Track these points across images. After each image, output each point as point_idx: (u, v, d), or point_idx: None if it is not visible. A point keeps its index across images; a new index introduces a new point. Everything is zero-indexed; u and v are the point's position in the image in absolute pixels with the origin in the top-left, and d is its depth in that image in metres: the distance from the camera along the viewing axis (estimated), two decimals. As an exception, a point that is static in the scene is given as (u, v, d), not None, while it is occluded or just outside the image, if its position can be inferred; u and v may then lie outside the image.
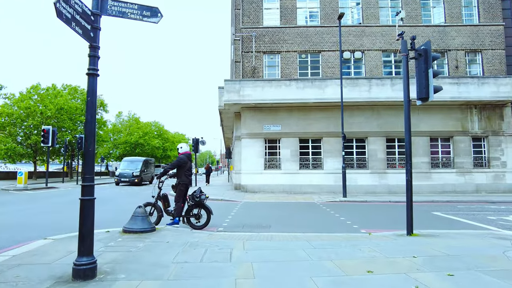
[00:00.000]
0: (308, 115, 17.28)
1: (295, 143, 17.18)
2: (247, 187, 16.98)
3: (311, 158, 17.32)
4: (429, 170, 17.00)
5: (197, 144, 23.51)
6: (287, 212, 10.46)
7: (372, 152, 17.14)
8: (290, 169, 17.01)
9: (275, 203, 12.95)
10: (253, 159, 17.09)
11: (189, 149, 7.37)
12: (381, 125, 17.24)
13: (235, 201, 13.67)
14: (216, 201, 13.87)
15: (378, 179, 16.96)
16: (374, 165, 17.06)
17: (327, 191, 16.81)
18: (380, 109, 17.30)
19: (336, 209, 11.06)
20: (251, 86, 16.39)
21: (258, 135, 17.22)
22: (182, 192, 7.28)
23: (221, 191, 18.23)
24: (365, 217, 9.46)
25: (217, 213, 9.91)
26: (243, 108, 17.35)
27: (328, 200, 13.83)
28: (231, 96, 16.35)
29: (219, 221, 8.44)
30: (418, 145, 17.10)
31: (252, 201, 13.63)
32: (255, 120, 17.30)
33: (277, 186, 16.92)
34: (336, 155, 17.03)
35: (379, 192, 16.77)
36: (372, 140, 17.21)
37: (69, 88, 41.27)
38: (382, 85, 16.46)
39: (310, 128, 17.21)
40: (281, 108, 17.26)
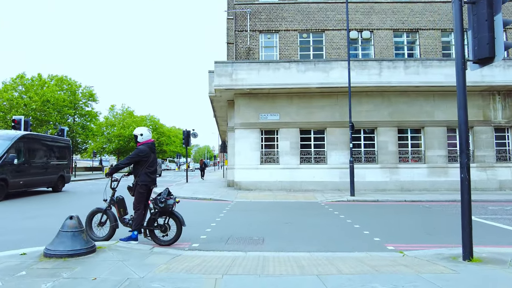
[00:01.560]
0: (310, 103, 15.28)
1: (295, 134, 15.21)
2: (241, 184, 15.04)
3: (313, 151, 15.36)
4: (446, 165, 15.06)
5: (188, 137, 21.55)
6: (286, 215, 8.52)
7: (382, 144, 15.19)
8: (289, 163, 15.07)
9: (272, 204, 11.02)
10: (248, 153, 15.13)
11: (151, 136, 5.36)
12: (392, 114, 15.27)
13: (226, 201, 11.73)
14: (203, 201, 11.94)
15: (389, 174, 15.03)
16: (384, 159, 15.12)
17: (331, 188, 14.89)
18: (391, 96, 15.31)
19: (345, 212, 9.14)
20: (246, 69, 14.36)
21: (253, 125, 15.23)
22: (142, 196, 5.31)
23: (212, 188, 16.31)
24: (384, 223, 7.52)
25: (199, 218, 7.99)
26: (236, 95, 15.34)
27: (334, 200, 11.91)
28: (223, 80, 14.33)
29: (199, 231, 6.50)
30: (433, 136, 15.17)
31: (245, 201, 11.70)
32: (250, 108, 15.30)
33: (275, 183, 14.99)
34: (342, 148, 15.07)
35: (390, 190, 14.85)
36: (382, 131, 15.24)
37: (55, 79, 39.07)
38: (394, 68, 14.45)
39: (313, 117, 15.23)
40: (280, 95, 15.26)
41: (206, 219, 7.84)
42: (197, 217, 8.28)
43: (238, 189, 14.97)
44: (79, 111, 40.25)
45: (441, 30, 16.08)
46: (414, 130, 15.53)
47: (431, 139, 15.15)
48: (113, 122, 55.57)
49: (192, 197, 12.67)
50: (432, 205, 10.88)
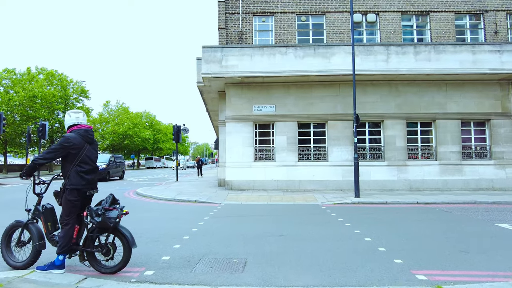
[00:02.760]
0: (309, 93, 13.76)
1: (293, 128, 13.69)
2: (233, 184, 13.54)
3: (313, 147, 13.85)
4: (460, 162, 13.57)
5: (179, 132, 20.02)
6: (280, 223, 7.01)
7: (389, 139, 13.68)
8: (286, 160, 13.57)
9: (266, 207, 9.52)
10: (240, 149, 13.61)
11: (86, 122, 3.71)
12: (400, 106, 13.76)
13: (212, 204, 10.24)
14: (187, 204, 10.44)
15: (397, 172, 13.53)
16: (391, 156, 13.62)
17: (333, 188, 13.39)
18: (399, 85, 13.79)
19: (350, 218, 7.64)
20: (237, 54, 12.82)
21: (246, 118, 13.71)
22: (71, 206, 3.76)
23: (201, 188, 14.80)
24: (401, 234, 6.01)
25: (173, 227, 6.48)
26: (227, 84, 13.81)
27: (337, 202, 10.42)
28: (211, 67, 12.78)
29: (164, 247, 5.00)
30: (445, 130, 13.67)
31: (235, 204, 10.20)
32: (243, 99, 13.77)
33: (270, 182, 13.49)
34: (344, 143, 13.56)
35: (399, 189, 13.37)
36: (390, 124, 13.73)
37: (45, 73, 37.45)
38: (403, 53, 12.91)
39: (312, 109, 13.71)
40: (275, 84, 13.73)
41: (180, 229, 6.34)
42: (171, 225, 6.78)
43: (229, 189, 13.47)
44: (71, 107, 38.67)
45: (454, 13, 14.53)
46: (424, 124, 14.02)
47: (444, 133, 13.65)
48: (107, 119, 54.11)
49: (175, 199, 11.17)
50: (451, 208, 9.39)
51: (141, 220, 7.44)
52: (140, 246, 4.79)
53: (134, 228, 6.63)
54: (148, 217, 7.91)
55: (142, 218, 7.72)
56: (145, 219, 7.52)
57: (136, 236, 5.73)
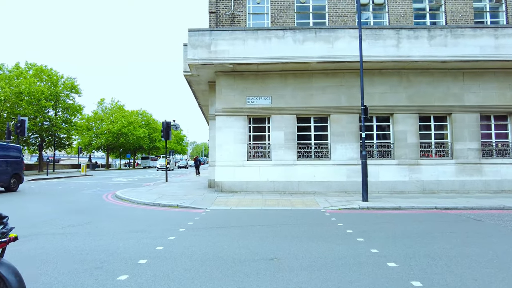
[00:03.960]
0: (309, 83, 12.23)
1: (291, 122, 12.17)
2: (223, 185, 12.01)
3: (313, 143, 12.33)
4: (479, 161, 12.06)
5: (168, 129, 18.49)
6: (274, 239, 5.49)
7: (399, 134, 12.16)
8: (284, 159, 12.05)
9: (258, 214, 7.99)
10: (232, 145, 12.08)
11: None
12: (412, 97, 12.24)
13: (196, 210, 8.71)
14: (166, 209, 8.91)
15: (408, 172, 12.02)
16: (402, 153, 12.10)
17: (336, 190, 11.88)
18: (411, 75, 12.28)
19: (361, 228, 6.13)
20: (228, 38, 11.28)
21: (238, 111, 12.18)
22: None
23: (188, 190, 13.25)
24: (437, 257, 4.48)
25: (130, 246, 4.88)
26: (218, 74, 12.27)
27: (342, 207, 8.90)
28: (198, 53, 11.25)
29: (103, 280, 3.47)
30: (462, 125, 12.16)
31: (223, 209, 8.68)
32: (235, 90, 12.24)
33: (265, 183, 11.96)
34: (349, 139, 12.05)
35: (410, 191, 11.86)
36: (400, 118, 12.21)
37: (34, 69, 35.89)
38: (416, 38, 11.39)
39: (313, 101, 12.18)
40: (272, 73, 12.20)
41: (141, 248, 4.82)
42: (133, 241, 5.25)
43: (219, 192, 11.94)
44: (61, 104, 37.12)
45: (472, -6, 13.01)
46: (438, 118, 12.51)
47: (460, 128, 12.14)
48: (102, 117, 52.57)
49: (155, 203, 9.64)
50: (478, 215, 7.87)
51: (100, 232, 5.93)
52: (68, 278, 3.27)
53: (84, 245, 5.11)
54: (110, 228, 6.39)
55: (102, 229, 6.20)
56: (105, 231, 6.00)
57: (79, 258, 4.26)
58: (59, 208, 8.95)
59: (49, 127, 35.17)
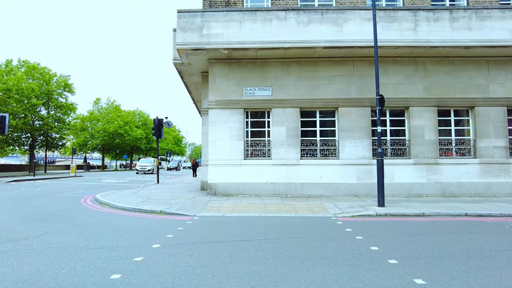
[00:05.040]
0: (315, 72, 10.86)
1: (294, 116, 10.78)
2: (217, 188, 10.60)
3: (319, 140, 10.93)
4: (507, 160, 10.67)
5: (160, 126, 17.07)
6: (275, 263, 4.09)
7: (416, 130, 10.77)
8: (285, 158, 10.65)
9: (256, 223, 6.58)
10: (227, 143, 10.68)
11: None
12: (429, 88, 10.87)
13: (182, 217, 7.30)
14: (148, 216, 7.49)
15: (426, 173, 10.62)
16: (419, 152, 10.71)
17: (345, 193, 10.47)
18: (428, 63, 10.91)
19: (387, 243, 4.73)
20: (222, 20, 9.90)
21: (235, 103, 10.79)
22: None
23: (178, 192, 11.81)
24: None
25: (87, 266, 3.30)
26: (211, 62, 10.89)
27: (356, 214, 7.50)
28: (189, 36, 9.87)
29: None
30: (487, 120, 10.79)
31: (214, 216, 7.27)
32: (231, 80, 10.86)
33: (265, 185, 10.56)
34: (360, 136, 10.66)
35: (429, 194, 10.47)
36: (417, 112, 10.83)
37: (26, 66, 34.57)
38: (436, 20, 10.02)
39: (319, 93, 10.80)
40: (272, 61, 10.82)
41: (93, 276, 3.41)
42: (85, 264, 3.83)
43: (212, 195, 10.53)
44: (54, 102, 35.75)
45: (496, -27, 11.65)
46: (459, 112, 11.14)
47: (485, 123, 10.76)
48: (98, 117, 51.22)
49: (135, 209, 8.22)
50: (525, 224, 6.48)
51: (49, 248, 4.52)
52: None
53: (11, 271, 3.57)
54: (66, 242, 4.98)
55: (55, 244, 4.79)
56: (55, 248, 4.58)
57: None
58: (20, 214, 7.53)
59: (41, 127, 33.81)
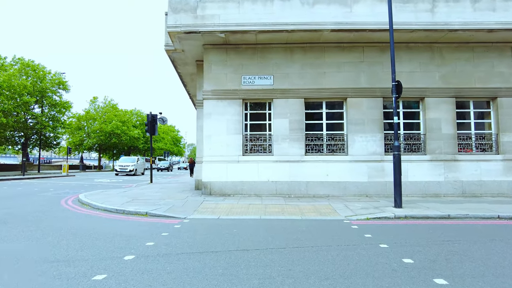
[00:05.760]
0: (321, 59, 9.85)
1: (298, 107, 9.76)
2: (213, 187, 9.57)
3: (326, 135, 9.92)
4: (532, 156, 9.67)
5: (154, 122, 16.04)
6: (286, 284, 3.06)
7: (432, 123, 9.77)
8: (289, 153, 9.63)
9: (255, 227, 5.55)
10: (223, 137, 9.65)
11: None
12: (446, 77, 9.88)
13: (170, 220, 6.27)
14: (131, 219, 6.47)
15: (444, 170, 9.62)
16: (436, 147, 9.71)
17: (355, 192, 9.46)
18: (445, 50, 9.92)
19: (421, 253, 3.72)
20: (219, 0, 8.89)
21: (232, 93, 9.77)
22: None
23: (170, 192, 10.77)
24: None
25: None
26: (206, 47, 9.88)
27: (372, 216, 6.49)
28: (181, 18, 8.85)
29: None
30: (511, 111, 9.80)
31: (207, 219, 6.25)
32: (228, 68, 9.84)
33: (266, 184, 9.54)
34: (371, 129, 9.65)
35: (446, 194, 9.47)
36: (433, 104, 9.83)
37: (20, 63, 33.59)
38: (456, 0, 9.03)
39: (325, 82, 9.79)
40: (274, 46, 9.81)
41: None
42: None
43: (207, 194, 9.50)
44: (48, 100, 34.74)
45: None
46: (480, 103, 10.14)
47: (509, 116, 9.77)
48: (94, 116, 50.18)
49: (118, 210, 7.20)
50: None
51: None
52: None
53: None
54: (17, 253, 3.96)
55: (3, 255, 3.77)
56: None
57: None
58: (-17, 217, 6.50)
59: (34, 125, 32.81)
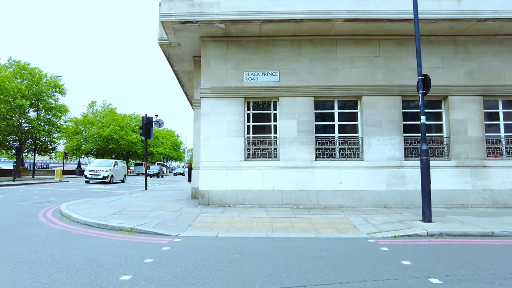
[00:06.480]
0: (332, 53, 8.82)
1: (307, 107, 8.71)
2: (211, 196, 8.49)
3: (338, 137, 8.85)
4: None
5: (149, 125, 15.02)
6: None
7: (457, 125, 8.71)
8: (296, 158, 8.56)
9: (263, 250, 4.46)
10: (223, 140, 8.60)
11: None
12: (472, 74, 8.85)
13: (160, 238, 5.18)
14: (114, 236, 5.37)
15: (471, 178, 8.53)
16: (462, 151, 8.63)
17: (372, 203, 8.37)
18: (470, 43, 8.91)
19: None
20: (217, -14, 7.91)
21: (233, 91, 8.73)
22: None
23: (164, 201, 9.64)
24: None
25: None
26: (204, 40, 8.87)
27: (400, 233, 5.40)
28: (176, 6, 7.86)
29: None
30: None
31: (203, 238, 5.16)
32: (229, 63, 8.82)
33: (271, 193, 8.45)
34: (389, 131, 8.59)
35: (474, 205, 8.38)
36: (457, 103, 8.78)
37: (16, 65, 32.74)
38: (484, -13, 8.04)
39: (337, 78, 8.75)
40: (280, 39, 8.80)
41: None
42: None
43: (205, 205, 8.41)
44: (43, 103, 33.84)
45: None
46: (510, 103, 9.09)
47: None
48: (92, 120, 49.30)
49: (99, 225, 6.11)
50: None
51: None
52: None
53: None
54: None
55: None
56: None
57: None
58: None
59: (30, 130, 31.91)
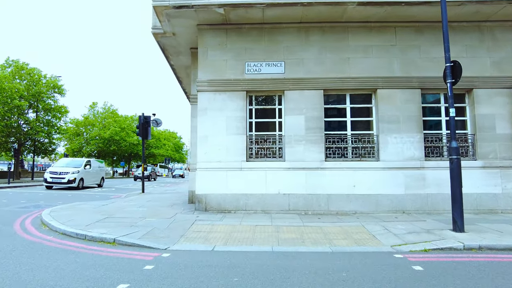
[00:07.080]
0: (344, 41, 7.96)
1: (315, 101, 7.84)
2: (209, 201, 7.63)
3: (350, 135, 7.96)
4: None
5: (146, 125, 14.22)
6: None
7: (484, 121, 7.81)
8: (305, 159, 7.68)
9: (267, 269, 3.57)
10: (223, 138, 7.74)
11: None
12: (500, 64, 7.95)
13: (147, 251, 4.32)
14: (93, 250, 4.49)
15: (501, 180, 7.62)
16: (489, 151, 7.73)
17: (389, 208, 7.47)
18: (497, 30, 8.02)
19: None
20: (215, -34, 7.09)
21: (233, 84, 7.88)
22: None
23: (157, 206, 8.75)
24: None
25: None
26: (201, 28, 8.05)
27: (428, 246, 4.50)
28: (169, -12, 7.04)
29: None
30: None
31: (196, 252, 4.29)
32: (229, 53, 7.98)
33: (276, 197, 7.58)
34: (407, 128, 7.69)
35: (505, 210, 7.48)
36: (483, 96, 7.88)
37: (15, 65, 32.22)
38: (515, -34, 7.15)
39: (349, 69, 7.88)
40: (285, 26, 7.95)
41: None
42: None
43: (202, 210, 7.54)
44: (42, 104, 33.27)
45: None
46: (541, 96, 8.18)
47: None
48: (93, 122, 48.75)
49: (79, 235, 5.26)
50: None
51: None
52: None
53: None
54: None
55: None
56: None
57: None
58: None
59: (29, 132, 31.35)
